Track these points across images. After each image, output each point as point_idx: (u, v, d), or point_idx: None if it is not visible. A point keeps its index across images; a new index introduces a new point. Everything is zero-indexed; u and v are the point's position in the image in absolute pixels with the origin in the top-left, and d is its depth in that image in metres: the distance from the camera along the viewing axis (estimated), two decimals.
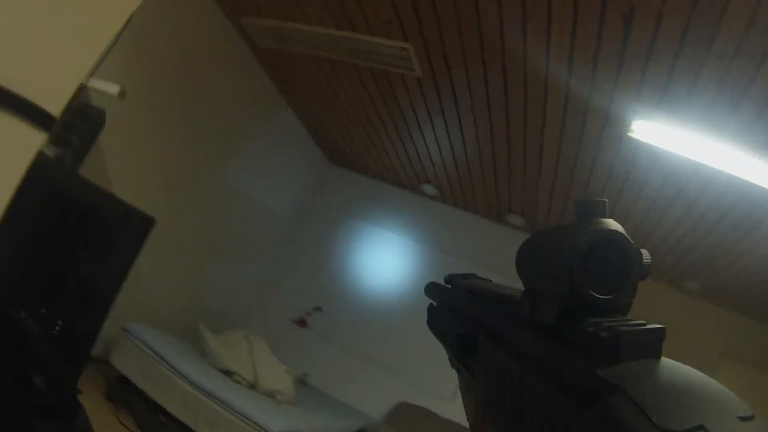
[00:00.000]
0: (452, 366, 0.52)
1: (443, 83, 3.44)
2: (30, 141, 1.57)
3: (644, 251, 0.32)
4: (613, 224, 0.31)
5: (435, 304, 0.60)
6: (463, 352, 0.45)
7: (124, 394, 3.63)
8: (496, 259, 5.13)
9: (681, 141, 2.79)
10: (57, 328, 1.79)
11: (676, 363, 0.27)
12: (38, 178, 1.58)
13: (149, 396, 3.51)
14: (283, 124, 5.13)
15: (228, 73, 4.27)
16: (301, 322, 5.71)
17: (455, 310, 0.52)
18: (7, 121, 1.47)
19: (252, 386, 3.97)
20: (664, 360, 0.27)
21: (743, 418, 0.23)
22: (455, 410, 4.82)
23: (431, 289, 0.63)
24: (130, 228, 1.81)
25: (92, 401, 3.49)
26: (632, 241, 0.31)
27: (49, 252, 1.78)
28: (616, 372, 0.25)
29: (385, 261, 5.67)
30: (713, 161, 2.78)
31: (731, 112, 2.45)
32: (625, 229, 0.31)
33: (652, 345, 0.27)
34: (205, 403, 3.38)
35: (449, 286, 0.58)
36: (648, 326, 0.28)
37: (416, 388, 5.11)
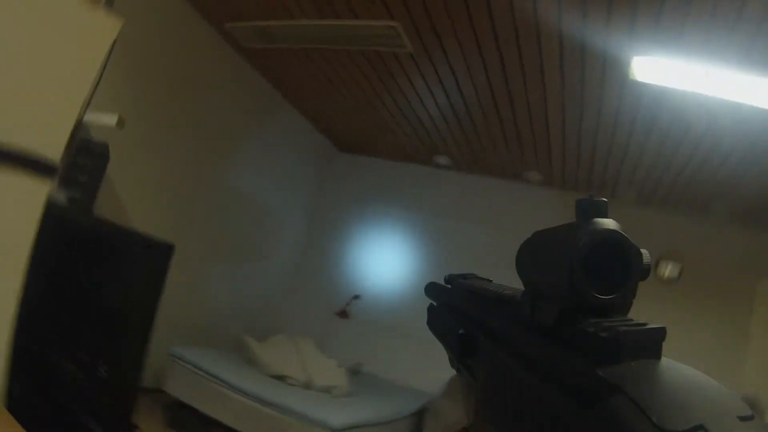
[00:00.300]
0: (452, 366, 0.52)
1: (436, 54, 3.38)
2: (37, 192, 1.56)
3: (644, 251, 0.31)
4: (613, 224, 0.31)
5: (435, 304, 0.60)
6: (463, 352, 0.46)
7: (183, 418, 3.69)
8: (518, 218, 5.16)
9: (682, 74, 2.71)
10: (101, 370, 1.80)
11: (677, 363, 0.26)
12: (54, 226, 1.58)
13: (207, 415, 3.56)
14: (285, 120, 5.11)
15: (222, 80, 4.27)
16: (343, 314, 5.73)
17: (455, 310, 0.53)
18: (10, 178, 1.46)
19: (307, 386, 3.99)
20: (664, 360, 0.27)
21: (743, 418, 0.23)
22: None
23: (431, 289, 0.64)
24: (152, 258, 1.81)
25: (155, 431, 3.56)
26: (632, 241, 0.31)
27: (78, 296, 1.78)
28: (616, 372, 0.25)
29: (410, 238, 5.65)
30: (716, 90, 2.71)
31: (729, 36, 2.37)
32: (639, 174, 0.29)
33: (652, 345, 0.27)
34: (263, 411, 3.42)
35: (449, 286, 0.58)
36: (648, 326, 0.28)
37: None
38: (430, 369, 5.11)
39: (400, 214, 5.78)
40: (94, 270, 1.82)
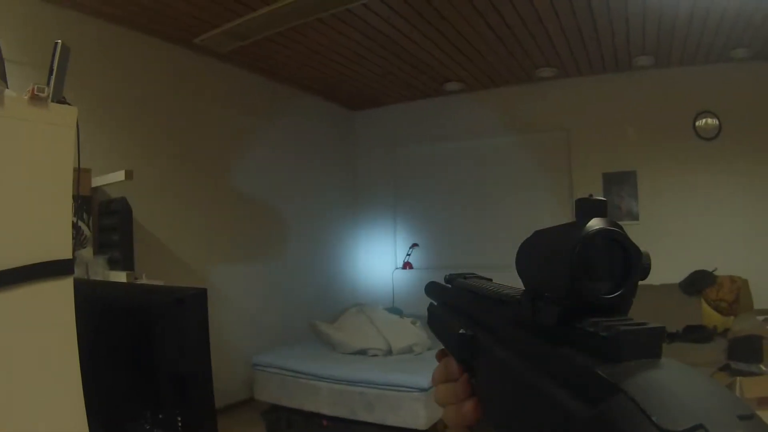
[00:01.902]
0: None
1: None
2: (64, 290, 1.63)
3: (644, 251, 0.31)
4: (613, 224, 0.31)
5: (435, 303, 0.60)
6: (463, 352, 0.45)
7: (282, 419, 3.85)
8: (538, 116, 5.06)
9: None
10: (179, 422, 1.89)
11: (677, 362, 0.26)
12: (89, 309, 1.65)
13: (304, 409, 3.72)
14: (291, 104, 5.10)
15: (215, 91, 4.27)
16: (406, 265, 5.80)
17: (455, 309, 0.53)
18: (33, 290, 1.53)
19: (389, 353, 4.08)
20: (665, 359, 0.26)
21: (743, 418, 0.22)
22: None
23: (431, 288, 0.63)
24: (188, 310, 1.86)
25: None
26: (632, 241, 0.31)
27: (134, 366, 1.86)
28: (616, 371, 0.25)
29: (445, 172, 5.64)
30: None
31: None
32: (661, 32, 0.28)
33: (652, 344, 0.27)
34: (354, 391, 3.55)
35: (449, 286, 0.58)
36: (648, 326, 0.27)
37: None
38: None
39: (428, 149, 5.75)
40: (138, 336, 1.89)
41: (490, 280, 0.52)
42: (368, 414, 3.48)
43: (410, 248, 5.80)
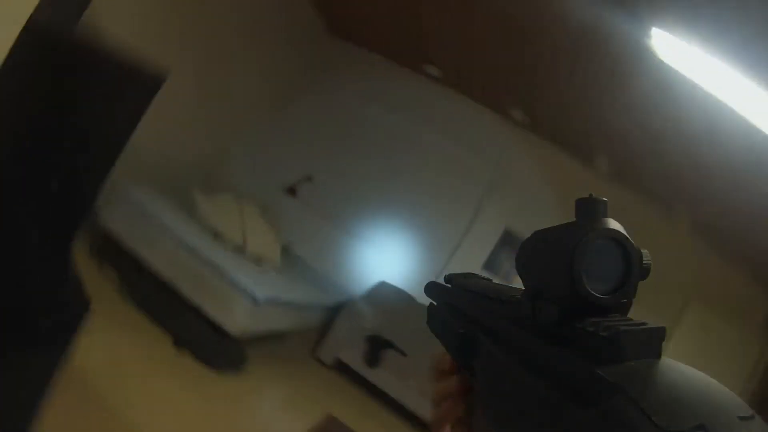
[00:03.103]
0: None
1: None
2: None
3: (645, 251, 0.32)
4: (613, 224, 0.31)
5: (435, 303, 0.60)
6: (463, 352, 0.46)
7: (110, 251, 3.65)
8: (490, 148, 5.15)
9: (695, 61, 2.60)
10: (54, 184, 1.76)
11: (677, 362, 0.27)
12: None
13: (136, 253, 3.54)
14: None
15: None
16: (291, 191, 5.71)
17: (455, 309, 0.53)
18: None
19: (240, 250, 4.01)
20: (665, 359, 0.27)
21: (743, 418, 0.23)
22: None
23: (431, 288, 0.63)
24: (139, 84, 1.74)
25: (77, 258, 3.53)
26: (633, 241, 0.31)
27: (50, 109, 1.71)
28: (617, 371, 0.26)
29: (381, 139, 5.60)
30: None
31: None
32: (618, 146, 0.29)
33: (652, 344, 0.27)
34: (191, 263, 3.43)
35: (449, 286, 0.58)
36: (648, 326, 0.28)
37: (398, 270, 5.23)
38: (359, 271, 5.27)
39: (379, 113, 5.64)
40: (72, 83, 1.74)
41: (490, 280, 0.53)
42: (191, 290, 3.38)
43: (303, 178, 5.70)
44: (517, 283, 0.41)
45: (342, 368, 4.60)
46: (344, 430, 3.71)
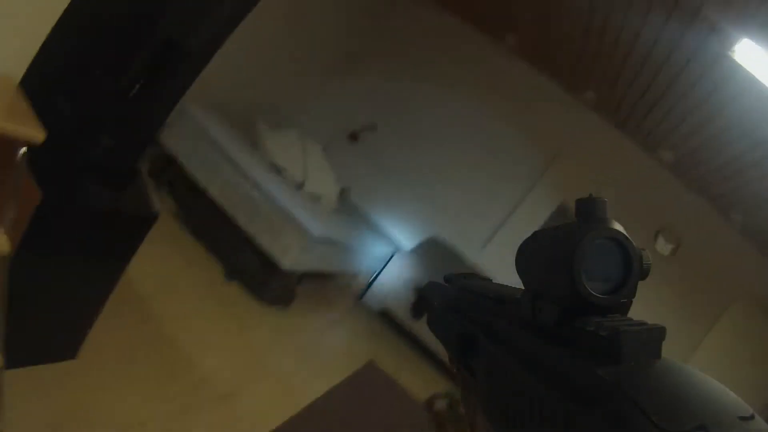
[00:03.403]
0: (452, 366, 0.51)
1: None
2: None
3: (645, 252, 0.31)
4: (613, 224, 0.31)
5: (435, 303, 0.59)
6: (463, 352, 0.45)
7: (168, 173, 3.69)
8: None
9: None
10: (136, 88, 1.75)
11: (677, 363, 0.26)
12: None
13: (194, 178, 3.57)
14: None
15: None
16: (353, 136, 5.69)
17: (455, 309, 0.52)
18: None
19: (299, 186, 4.01)
20: (665, 360, 0.27)
21: (743, 418, 0.22)
22: (481, 258, 4.95)
23: (431, 288, 0.62)
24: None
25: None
26: (633, 241, 0.31)
27: (139, 11, 1.68)
28: (617, 372, 0.25)
29: (450, 101, 5.49)
30: None
31: None
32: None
33: (652, 344, 0.27)
34: (250, 192, 3.44)
35: (449, 286, 0.58)
36: (648, 326, 0.28)
37: (450, 228, 5.21)
38: (410, 224, 5.27)
39: (448, 75, 5.53)
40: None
41: (490, 280, 0.53)
42: (247, 221, 3.41)
43: (368, 125, 5.66)
44: None
45: (387, 317, 4.65)
46: (383, 377, 3.75)
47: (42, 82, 1.60)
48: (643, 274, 0.31)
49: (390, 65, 5.74)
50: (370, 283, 4.82)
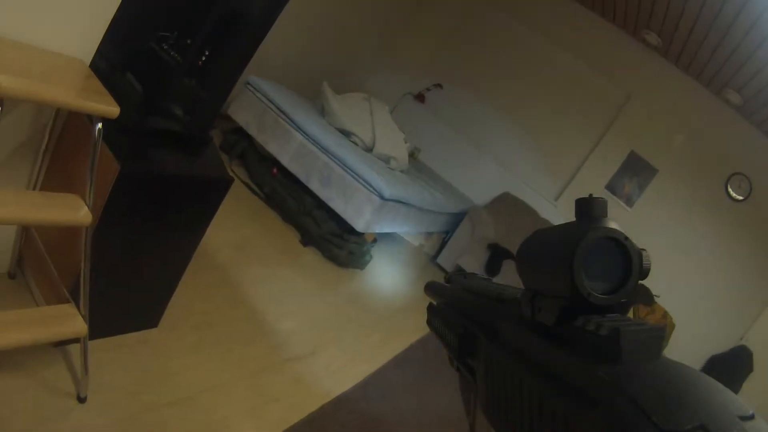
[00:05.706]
0: (452, 366, 0.52)
1: None
2: None
3: (644, 251, 0.31)
4: (613, 224, 0.31)
5: (435, 303, 0.61)
6: (463, 352, 0.46)
7: (239, 145, 3.77)
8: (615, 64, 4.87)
9: None
10: (203, 58, 1.78)
11: (677, 362, 0.26)
12: None
13: (264, 148, 3.64)
14: None
15: None
16: (420, 97, 5.65)
17: (455, 309, 0.53)
18: None
19: (368, 149, 4.03)
20: (665, 359, 0.27)
21: (743, 418, 0.22)
22: (555, 212, 4.87)
23: (431, 288, 0.64)
24: None
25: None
26: (632, 241, 0.31)
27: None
28: (617, 372, 0.25)
29: (518, 56, 5.37)
30: None
31: None
32: None
33: (652, 344, 0.27)
34: (320, 158, 3.49)
35: (449, 285, 0.59)
36: (648, 326, 0.28)
37: (522, 182, 5.15)
38: (481, 181, 5.23)
39: (515, 32, 5.38)
40: None
41: (490, 280, 0.53)
42: (320, 186, 3.47)
43: (433, 85, 5.60)
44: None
45: None
46: None
47: (112, 60, 1.65)
48: (643, 273, 0.31)
49: (455, 24, 5.66)
50: (444, 242, 4.81)
